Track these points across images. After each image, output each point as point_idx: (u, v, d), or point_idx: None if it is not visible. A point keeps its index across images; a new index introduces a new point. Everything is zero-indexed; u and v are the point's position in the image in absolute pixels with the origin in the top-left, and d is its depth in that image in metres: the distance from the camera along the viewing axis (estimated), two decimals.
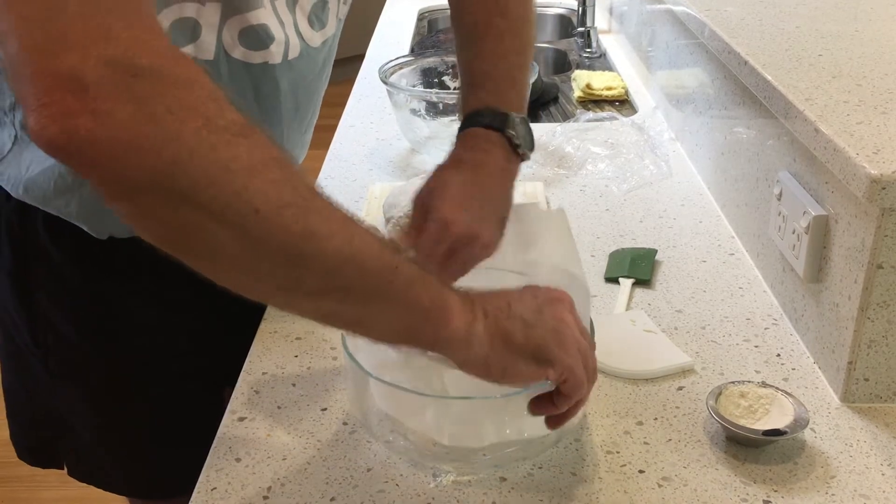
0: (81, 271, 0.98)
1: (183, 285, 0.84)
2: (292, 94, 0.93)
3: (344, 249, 0.58)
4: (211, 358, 1.06)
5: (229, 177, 0.53)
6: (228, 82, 0.86)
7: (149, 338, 1.03)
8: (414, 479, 0.76)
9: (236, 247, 0.55)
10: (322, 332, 0.96)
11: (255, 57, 0.87)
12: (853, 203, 0.82)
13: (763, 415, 0.80)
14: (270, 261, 0.56)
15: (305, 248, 0.57)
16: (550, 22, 2.38)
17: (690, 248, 1.13)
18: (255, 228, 0.54)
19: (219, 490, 0.75)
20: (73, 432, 1.10)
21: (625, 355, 0.90)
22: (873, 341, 0.83)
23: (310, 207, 0.57)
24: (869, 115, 0.86)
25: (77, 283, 0.99)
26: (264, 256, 0.56)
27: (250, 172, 0.54)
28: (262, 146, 0.55)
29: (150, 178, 0.51)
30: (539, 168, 1.36)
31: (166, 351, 1.04)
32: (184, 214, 0.53)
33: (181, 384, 1.06)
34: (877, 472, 0.76)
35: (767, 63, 1.01)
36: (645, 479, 0.76)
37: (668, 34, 1.53)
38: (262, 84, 0.89)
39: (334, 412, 0.84)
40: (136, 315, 1.01)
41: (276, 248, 0.56)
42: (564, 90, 1.78)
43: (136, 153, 0.50)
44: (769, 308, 1.00)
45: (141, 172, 0.50)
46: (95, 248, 0.95)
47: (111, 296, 1.00)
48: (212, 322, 1.04)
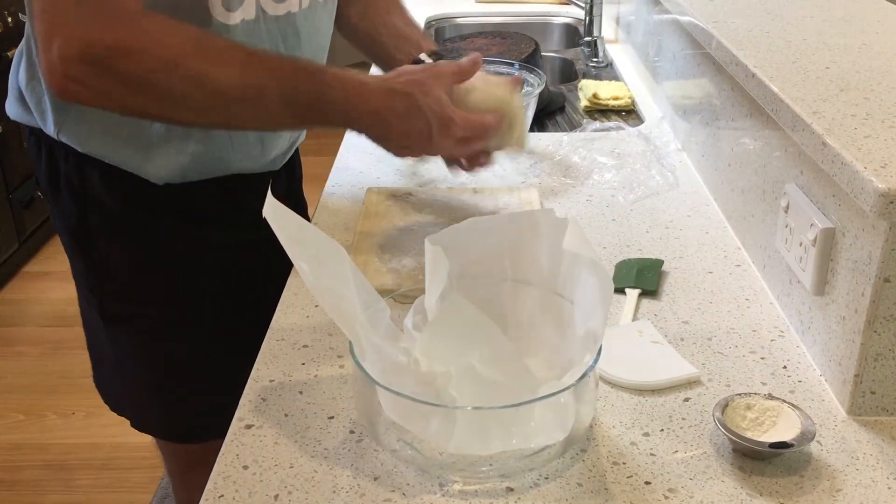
0: (135, 216, 1.14)
1: (226, 230, 1.18)
2: (308, 44, 1.13)
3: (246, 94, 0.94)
4: (248, 304, 1.19)
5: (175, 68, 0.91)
6: (266, 37, 1.06)
7: (193, 280, 1.18)
8: (420, 488, 0.76)
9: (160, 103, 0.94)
10: (329, 340, 0.97)
11: (281, 8, 1.07)
12: (860, 216, 0.82)
13: (769, 427, 0.80)
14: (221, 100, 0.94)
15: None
16: (557, 31, 2.39)
17: (697, 259, 1.13)
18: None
19: (226, 497, 0.75)
20: (122, 376, 1.25)
21: (631, 366, 0.90)
22: (880, 354, 0.83)
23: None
24: (877, 129, 0.86)
25: (131, 226, 1.14)
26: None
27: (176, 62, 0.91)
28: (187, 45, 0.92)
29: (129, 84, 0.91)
30: (545, 178, 1.36)
31: (208, 294, 1.19)
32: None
33: (219, 330, 1.21)
34: (883, 485, 0.77)
35: (774, 75, 1.01)
36: (651, 490, 0.76)
37: (675, 44, 1.54)
38: (288, 35, 1.09)
39: (341, 420, 0.85)
40: (182, 258, 1.16)
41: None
42: (571, 100, 1.79)
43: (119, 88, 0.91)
44: (776, 320, 1.00)
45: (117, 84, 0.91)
46: (148, 195, 1.11)
47: (162, 239, 1.15)
48: (251, 267, 1.20)
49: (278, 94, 0.94)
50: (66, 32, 0.88)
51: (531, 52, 1.76)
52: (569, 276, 0.82)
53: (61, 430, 2.34)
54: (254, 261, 1.20)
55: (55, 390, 2.49)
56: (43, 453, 2.26)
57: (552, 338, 0.85)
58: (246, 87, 0.93)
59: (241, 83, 0.93)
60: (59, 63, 0.88)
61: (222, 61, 0.93)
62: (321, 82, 0.96)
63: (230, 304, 1.21)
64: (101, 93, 0.91)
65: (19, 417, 2.40)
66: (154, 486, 2.15)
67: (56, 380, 2.54)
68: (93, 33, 0.88)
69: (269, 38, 1.07)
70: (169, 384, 1.24)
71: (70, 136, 1.09)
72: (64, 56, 0.88)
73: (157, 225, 1.15)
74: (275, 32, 1.07)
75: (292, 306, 1.03)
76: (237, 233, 1.18)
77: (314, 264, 0.77)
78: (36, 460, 2.24)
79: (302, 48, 1.11)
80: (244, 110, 0.96)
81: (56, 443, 2.30)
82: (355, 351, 0.76)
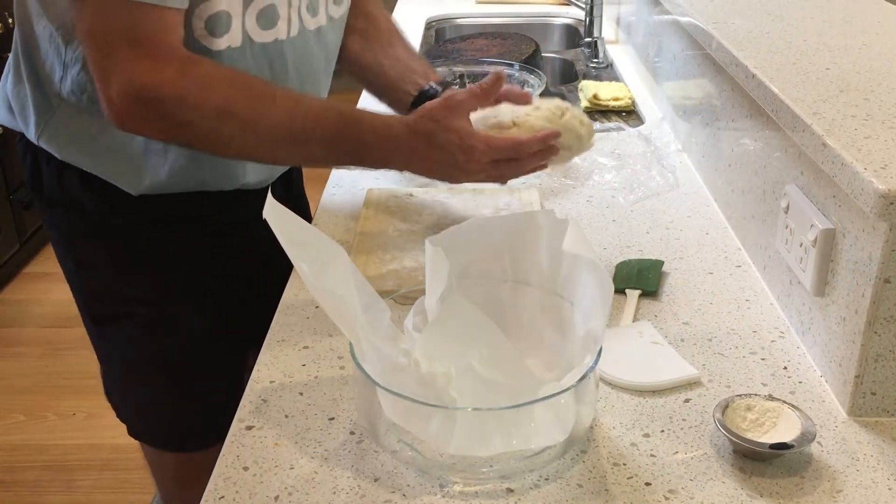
0: (115, 221, 1.14)
1: (211, 235, 1.17)
2: (296, 71, 1.11)
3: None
4: (240, 306, 1.20)
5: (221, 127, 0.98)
6: (253, 65, 1.05)
7: (180, 280, 1.17)
8: (421, 489, 0.76)
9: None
10: (330, 341, 0.97)
11: (268, 36, 1.05)
12: (861, 217, 0.82)
13: (770, 428, 0.80)
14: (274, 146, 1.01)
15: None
16: (557, 32, 2.39)
17: (697, 260, 1.13)
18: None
19: (227, 499, 0.75)
20: (117, 379, 1.25)
21: (631, 367, 0.90)
22: (880, 355, 0.83)
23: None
24: (877, 130, 0.86)
25: (112, 230, 1.14)
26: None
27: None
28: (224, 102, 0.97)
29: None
30: (546, 178, 1.36)
31: (198, 294, 1.18)
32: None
33: (211, 331, 1.20)
34: (884, 486, 0.76)
35: (775, 76, 1.01)
36: (651, 491, 0.76)
37: (676, 45, 1.54)
38: (274, 61, 1.08)
39: (342, 421, 0.85)
40: (167, 260, 1.16)
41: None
42: (571, 100, 1.78)
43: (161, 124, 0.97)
44: (776, 321, 1.00)
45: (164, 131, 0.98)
46: (128, 203, 1.11)
47: (143, 245, 1.15)
48: (243, 268, 1.20)
49: (321, 138, 1.01)
50: (122, 74, 0.93)
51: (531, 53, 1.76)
52: (569, 277, 0.82)
53: (62, 430, 2.34)
54: (244, 262, 1.20)
55: (56, 391, 2.49)
56: (43, 454, 2.26)
57: (552, 338, 0.85)
58: (293, 132, 1.00)
59: (288, 129, 1.00)
60: (118, 101, 0.94)
61: (272, 109, 0.99)
62: (360, 131, 1.02)
63: (221, 304, 1.21)
64: (159, 130, 0.99)
65: (20, 418, 2.40)
66: (154, 488, 2.15)
67: (57, 381, 2.54)
68: (146, 77, 0.93)
69: (256, 64, 1.06)
70: (161, 386, 1.23)
71: (50, 142, 1.10)
72: (122, 94, 0.93)
73: (138, 229, 1.15)
74: (261, 59, 1.06)
75: (293, 307, 1.03)
76: (223, 237, 1.18)
77: (314, 265, 0.77)
78: (36, 461, 2.24)
79: (289, 75, 1.10)
80: (288, 152, 1.05)
81: (56, 444, 2.29)
82: (355, 352, 0.76)
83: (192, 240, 1.17)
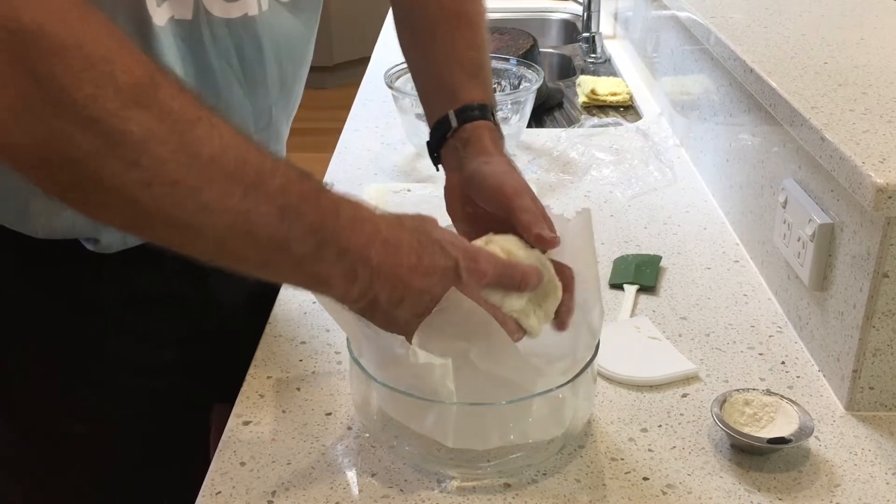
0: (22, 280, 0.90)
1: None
2: (276, 61, 0.89)
3: (237, 223, 0.59)
4: (194, 374, 0.99)
5: (120, 150, 0.54)
6: (212, 45, 0.82)
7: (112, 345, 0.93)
8: (418, 484, 0.76)
9: (127, 214, 0.58)
10: (327, 336, 0.96)
11: (234, 10, 0.82)
12: (859, 211, 0.82)
13: (768, 423, 0.80)
14: (162, 227, 0.59)
15: (194, 221, 0.59)
16: (555, 27, 2.39)
17: (695, 255, 1.13)
18: (145, 200, 0.56)
19: (223, 494, 0.75)
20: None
21: (629, 362, 0.90)
22: (878, 350, 0.83)
23: (206, 180, 0.58)
24: (875, 124, 0.86)
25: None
26: (156, 224, 0.59)
27: (143, 146, 0.54)
28: (161, 113, 0.55)
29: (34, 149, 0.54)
30: (543, 173, 1.36)
31: (142, 364, 0.95)
32: (70, 180, 0.55)
33: (163, 404, 0.97)
34: (881, 480, 0.76)
35: (773, 70, 1.01)
36: (649, 486, 0.76)
37: (674, 40, 1.54)
38: (244, 43, 0.84)
39: (339, 417, 0.84)
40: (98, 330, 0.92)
41: (165, 219, 0.58)
42: (569, 95, 1.78)
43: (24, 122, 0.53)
44: (774, 316, 1.00)
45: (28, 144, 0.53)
46: (36, 254, 0.87)
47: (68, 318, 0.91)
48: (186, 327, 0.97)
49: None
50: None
51: (529, 48, 1.76)
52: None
53: None
54: (194, 319, 0.97)
55: None
56: None
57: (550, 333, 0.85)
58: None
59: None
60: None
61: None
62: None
63: (173, 380, 0.98)
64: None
65: None
66: None
67: None
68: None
69: (216, 46, 0.82)
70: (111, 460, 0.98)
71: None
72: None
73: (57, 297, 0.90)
74: (224, 40, 0.82)
75: (289, 302, 1.03)
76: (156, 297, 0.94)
77: None
78: None
79: (265, 60, 0.87)
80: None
81: None
82: (352, 347, 0.76)
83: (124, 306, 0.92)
